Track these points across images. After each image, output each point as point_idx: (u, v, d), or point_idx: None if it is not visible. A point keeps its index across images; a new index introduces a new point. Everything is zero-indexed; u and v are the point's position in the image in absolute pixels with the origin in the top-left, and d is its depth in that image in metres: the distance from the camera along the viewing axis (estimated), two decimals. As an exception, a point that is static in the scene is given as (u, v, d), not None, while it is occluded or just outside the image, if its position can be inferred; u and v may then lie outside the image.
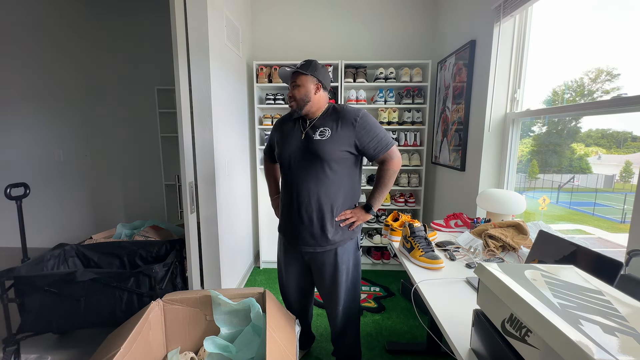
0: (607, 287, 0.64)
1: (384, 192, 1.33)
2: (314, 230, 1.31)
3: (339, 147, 1.24)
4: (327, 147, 1.24)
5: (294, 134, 1.33)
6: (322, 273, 1.38)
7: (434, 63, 2.58)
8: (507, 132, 1.79)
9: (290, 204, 1.33)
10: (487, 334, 0.70)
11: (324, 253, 1.34)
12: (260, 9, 2.75)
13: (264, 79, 2.55)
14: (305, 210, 1.29)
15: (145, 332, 1.25)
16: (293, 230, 1.35)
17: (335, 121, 1.27)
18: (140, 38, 2.94)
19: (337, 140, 1.24)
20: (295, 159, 1.30)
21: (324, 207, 1.28)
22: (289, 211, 1.35)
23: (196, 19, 1.69)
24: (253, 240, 2.90)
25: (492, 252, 1.29)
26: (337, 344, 1.54)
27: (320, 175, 1.26)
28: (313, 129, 1.28)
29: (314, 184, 1.27)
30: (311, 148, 1.25)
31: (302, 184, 1.28)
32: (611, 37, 1.32)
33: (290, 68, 1.29)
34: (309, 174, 1.27)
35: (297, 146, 1.29)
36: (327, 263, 1.35)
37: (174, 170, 2.98)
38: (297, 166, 1.29)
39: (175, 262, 1.80)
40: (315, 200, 1.28)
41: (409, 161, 2.63)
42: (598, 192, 1.51)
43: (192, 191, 1.68)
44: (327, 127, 1.26)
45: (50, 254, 1.81)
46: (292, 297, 1.55)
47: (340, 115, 1.28)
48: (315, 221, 1.29)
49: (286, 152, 1.32)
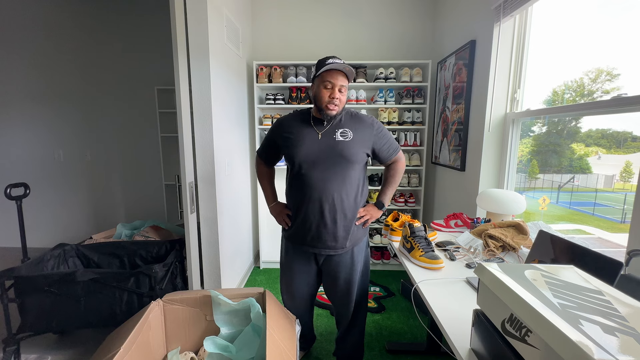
0: (607, 287, 0.64)
1: (393, 189, 1.41)
2: (337, 232, 1.28)
3: (361, 148, 1.27)
4: (352, 149, 1.25)
5: (308, 135, 1.27)
6: (338, 274, 1.36)
7: (434, 63, 2.58)
8: (507, 132, 1.79)
9: (309, 207, 1.27)
10: (487, 334, 0.70)
11: (342, 254, 1.34)
12: (260, 9, 2.75)
13: (264, 79, 2.55)
14: (329, 212, 1.26)
15: (145, 332, 1.25)
16: (313, 234, 1.30)
17: (354, 124, 1.29)
18: (141, 38, 2.94)
19: (358, 142, 1.27)
20: (316, 159, 1.25)
21: (347, 208, 1.28)
22: (309, 215, 1.28)
23: (196, 19, 1.69)
24: (253, 240, 2.90)
25: (492, 252, 1.29)
26: (343, 342, 1.54)
27: (345, 177, 1.26)
28: (332, 129, 1.26)
29: (337, 185, 1.25)
30: (336, 148, 1.24)
31: (325, 185, 1.24)
32: (611, 37, 1.32)
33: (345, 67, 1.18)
34: (335, 176, 1.24)
35: (318, 147, 1.24)
36: (344, 263, 1.35)
37: (174, 170, 2.98)
38: (318, 166, 1.25)
39: (175, 262, 1.80)
40: (340, 201, 1.26)
41: (409, 161, 2.63)
42: (598, 192, 1.51)
43: (192, 191, 1.68)
44: (347, 129, 1.27)
45: (50, 254, 1.80)
46: (300, 303, 1.50)
47: (357, 119, 1.31)
48: (339, 222, 1.28)
49: (303, 154, 1.25)
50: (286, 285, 1.49)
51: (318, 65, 1.23)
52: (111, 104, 3.06)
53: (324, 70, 1.19)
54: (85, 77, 3.02)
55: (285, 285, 1.50)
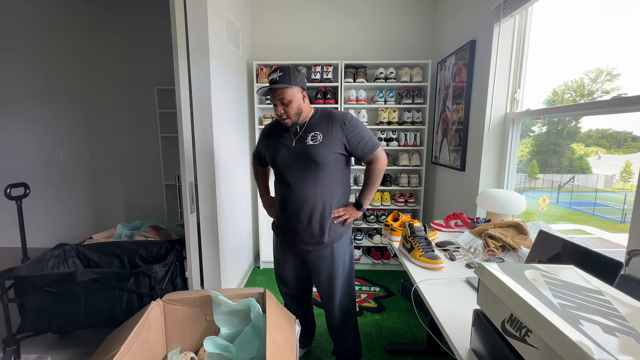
0: (607, 287, 0.64)
1: (372, 190, 1.42)
2: (313, 231, 1.35)
3: (331, 149, 1.29)
4: (320, 151, 1.28)
5: (284, 140, 1.35)
6: (320, 268, 1.43)
7: (434, 63, 2.58)
8: (507, 132, 1.79)
9: (287, 207, 1.36)
10: (487, 334, 0.70)
11: (321, 249, 1.40)
12: (260, 9, 2.75)
13: (264, 79, 2.55)
14: (304, 213, 1.33)
15: (145, 332, 1.25)
16: (292, 231, 1.39)
17: (326, 125, 1.31)
18: (140, 38, 2.94)
19: (329, 143, 1.29)
20: (291, 164, 1.32)
21: (321, 209, 1.33)
22: (287, 214, 1.38)
23: (196, 19, 1.69)
24: (253, 240, 2.90)
25: (492, 252, 1.29)
26: (337, 342, 1.59)
27: (317, 179, 1.31)
28: (304, 134, 1.31)
29: (311, 188, 1.31)
30: (306, 153, 1.29)
31: (299, 188, 1.32)
32: (611, 37, 1.32)
33: (269, 85, 1.25)
34: (306, 178, 1.31)
35: (291, 152, 1.32)
36: (325, 258, 1.41)
37: (174, 170, 2.98)
38: (293, 171, 1.32)
39: (175, 262, 1.80)
40: (313, 202, 1.32)
41: (409, 161, 2.63)
42: (598, 192, 1.51)
43: (192, 191, 1.68)
44: (317, 132, 1.30)
45: (50, 254, 1.80)
46: (291, 289, 1.61)
47: (330, 119, 1.32)
48: (314, 222, 1.34)
49: (280, 159, 1.34)
50: (277, 271, 1.61)
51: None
52: (111, 104, 3.06)
53: (262, 94, 1.30)
54: (86, 76, 3.02)
55: (277, 271, 1.61)
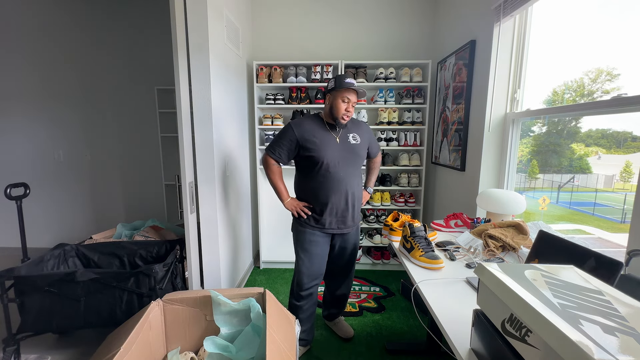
0: (607, 287, 0.64)
1: (375, 176, 1.86)
2: (355, 215, 1.64)
3: (365, 148, 1.65)
4: (362, 149, 1.62)
5: (329, 138, 1.55)
6: (348, 245, 1.70)
7: (434, 63, 2.58)
8: (507, 132, 1.79)
9: (336, 197, 1.55)
10: (487, 334, 0.70)
11: (354, 229, 1.69)
12: (260, 9, 2.75)
13: (264, 79, 2.55)
14: (350, 200, 1.59)
15: (145, 332, 1.25)
16: (338, 218, 1.59)
17: (358, 129, 1.64)
18: (140, 38, 2.94)
19: (364, 143, 1.63)
20: (340, 158, 1.54)
21: (360, 196, 1.65)
22: (335, 204, 1.56)
23: (196, 19, 1.69)
24: (253, 240, 2.90)
25: (492, 252, 1.29)
26: (336, 297, 1.86)
27: (358, 171, 1.63)
28: (344, 134, 1.58)
29: (354, 179, 1.59)
30: (354, 149, 1.57)
31: (348, 179, 1.56)
32: (611, 37, 1.32)
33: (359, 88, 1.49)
34: (354, 171, 1.59)
35: (339, 149, 1.54)
36: (353, 235, 1.71)
37: (174, 170, 2.98)
38: (342, 164, 1.54)
39: (175, 262, 1.80)
40: (358, 191, 1.62)
41: (409, 161, 2.63)
42: (598, 192, 1.51)
43: (192, 191, 1.68)
44: (356, 133, 1.61)
45: (50, 254, 1.80)
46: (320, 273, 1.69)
47: (358, 125, 1.66)
48: (356, 207, 1.63)
49: (328, 154, 1.51)
50: (309, 260, 1.63)
51: (337, 80, 1.49)
52: (111, 104, 3.06)
53: (344, 87, 1.47)
54: (86, 76, 3.01)
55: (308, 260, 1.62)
